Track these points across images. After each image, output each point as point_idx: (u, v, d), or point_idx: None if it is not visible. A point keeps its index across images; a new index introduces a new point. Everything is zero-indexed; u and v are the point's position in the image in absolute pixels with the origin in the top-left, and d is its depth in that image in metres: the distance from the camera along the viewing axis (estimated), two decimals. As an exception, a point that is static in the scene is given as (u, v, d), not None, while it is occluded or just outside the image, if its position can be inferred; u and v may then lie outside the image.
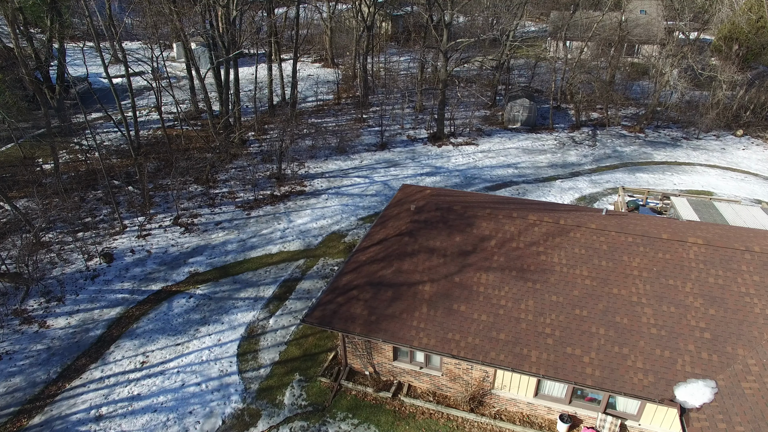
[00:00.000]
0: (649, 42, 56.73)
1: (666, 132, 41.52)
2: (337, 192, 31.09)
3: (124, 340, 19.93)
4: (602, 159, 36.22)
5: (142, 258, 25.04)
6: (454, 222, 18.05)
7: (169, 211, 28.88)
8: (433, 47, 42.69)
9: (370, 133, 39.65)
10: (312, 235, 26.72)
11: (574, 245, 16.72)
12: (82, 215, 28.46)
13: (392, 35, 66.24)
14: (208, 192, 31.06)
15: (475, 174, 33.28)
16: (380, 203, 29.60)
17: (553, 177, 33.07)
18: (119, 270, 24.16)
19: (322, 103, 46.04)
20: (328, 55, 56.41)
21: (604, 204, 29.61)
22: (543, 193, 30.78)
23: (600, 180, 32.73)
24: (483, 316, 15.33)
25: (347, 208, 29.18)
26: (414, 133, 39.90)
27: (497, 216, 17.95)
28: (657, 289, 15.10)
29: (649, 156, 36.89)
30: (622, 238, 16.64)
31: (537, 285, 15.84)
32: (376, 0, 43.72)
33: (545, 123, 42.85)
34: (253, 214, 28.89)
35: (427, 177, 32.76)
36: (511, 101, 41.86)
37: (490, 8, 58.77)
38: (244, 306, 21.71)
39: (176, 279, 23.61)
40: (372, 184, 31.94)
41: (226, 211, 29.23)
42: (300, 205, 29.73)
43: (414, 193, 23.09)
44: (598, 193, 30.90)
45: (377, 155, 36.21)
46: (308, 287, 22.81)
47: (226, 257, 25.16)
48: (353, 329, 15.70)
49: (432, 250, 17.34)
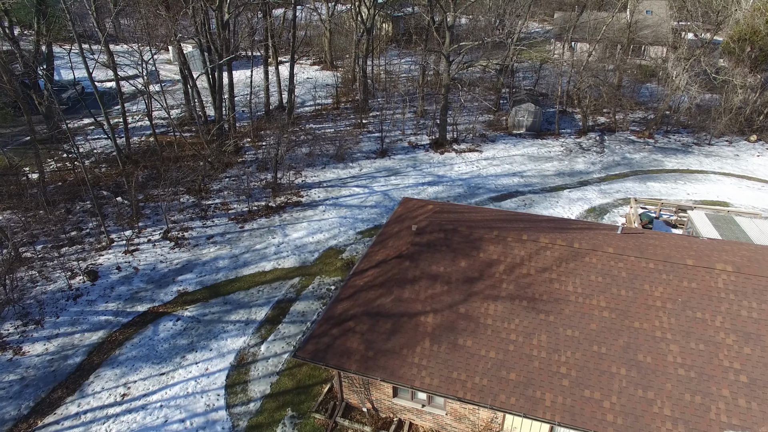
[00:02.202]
0: (657, 43, 55.30)
1: (676, 137, 40.07)
2: (335, 203, 29.72)
3: (104, 369, 18.58)
4: (611, 167, 34.78)
5: (129, 275, 23.70)
6: (458, 245, 16.67)
7: (159, 224, 27.56)
8: (435, 50, 41.28)
9: (370, 140, 38.27)
10: (308, 251, 25.35)
11: (589, 271, 15.32)
12: (67, 229, 27.14)
13: (393, 37, 64.84)
14: (201, 203, 29.72)
15: (479, 183, 31.87)
16: (380, 215, 28.23)
17: (561, 186, 31.65)
18: (104, 289, 22.82)
19: (321, 108, 44.66)
20: (327, 57, 55.04)
21: (615, 216, 28.19)
22: (550, 204, 29.38)
23: (610, 190, 31.30)
24: (491, 353, 13.96)
25: (345, 220, 27.82)
26: (415, 140, 38.51)
27: (505, 238, 16.56)
28: (683, 323, 13.70)
29: (660, 163, 35.45)
30: (643, 263, 15.24)
31: (550, 317, 14.46)
32: (376, 1, 42.31)
33: (551, 128, 41.45)
34: (246, 228, 27.54)
35: (429, 187, 31.38)
36: (516, 106, 40.44)
37: (492, 9, 57.33)
38: (234, 330, 20.36)
39: (164, 299, 22.27)
40: (371, 195, 30.56)
41: (218, 223, 27.89)
42: (296, 217, 28.37)
43: (415, 208, 21.72)
44: (608, 205, 29.48)
45: (377, 163, 34.84)
46: (303, 309, 21.45)
47: (217, 275, 23.82)
48: (349, 366, 14.34)
49: (435, 277, 15.96)
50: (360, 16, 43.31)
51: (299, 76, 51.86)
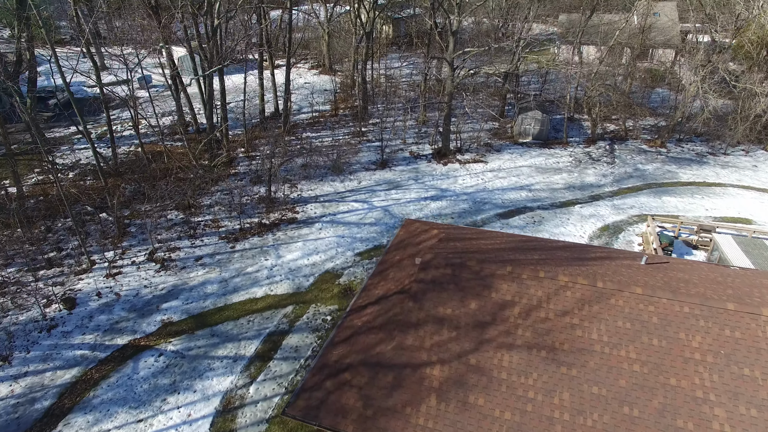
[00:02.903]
0: (666, 46, 53.50)
1: (690, 147, 38.29)
2: (332, 220, 27.99)
3: (76, 415, 16.86)
4: (623, 179, 33.03)
5: (110, 303, 21.98)
6: (467, 283, 14.93)
7: (145, 244, 25.84)
8: (438, 57, 39.52)
9: (370, 149, 36.52)
10: (303, 275, 23.62)
11: (616, 316, 13.59)
12: (46, 249, 25.42)
13: (393, 39, 63.07)
14: (190, 220, 27.99)
15: (484, 198, 30.12)
16: (380, 234, 26.49)
17: (572, 202, 29.90)
18: (81, 318, 21.10)
19: (318, 115, 42.91)
20: (325, 61, 53.24)
21: (630, 235, 26.44)
22: (561, 222, 27.63)
23: (623, 205, 29.55)
24: (506, 414, 12.23)
25: (343, 240, 26.08)
26: (417, 149, 36.75)
27: (520, 275, 14.82)
28: (728, 382, 11.98)
29: (675, 175, 33.69)
30: (676, 307, 13.50)
31: (573, 371, 12.73)
32: (377, 2, 40.52)
33: (558, 136, 39.70)
34: (238, 248, 25.81)
35: (431, 202, 29.63)
36: (522, 113, 38.69)
37: (496, 11, 55.47)
38: (221, 368, 18.63)
39: (146, 330, 20.55)
40: (371, 211, 28.82)
41: (208, 243, 26.16)
42: (290, 236, 26.64)
43: (419, 232, 20.00)
44: (622, 222, 27.74)
45: (377, 175, 33.08)
46: (296, 343, 19.72)
47: (204, 302, 22.09)
48: (345, 427, 12.61)
49: (441, 320, 14.23)
50: (359, 19, 41.54)
51: (296, 82, 50.12)
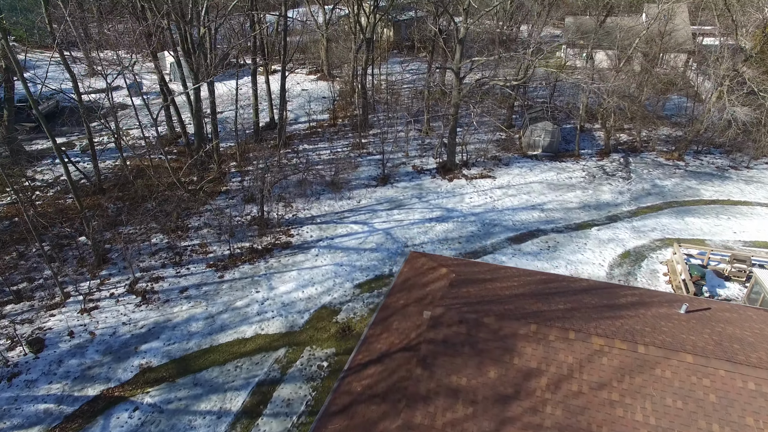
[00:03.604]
0: (681, 51, 51.31)
1: (709, 159, 36.15)
2: (329, 245, 25.85)
3: (35, 488, 14.76)
4: (641, 197, 30.88)
5: (83, 344, 19.85)
6: (485, 344, 12.80)
7: (126, 273, 23.71)
8: (444, 67, 37.39)
9: (370, 163, 34.38)
10: (297, 311, 21.49)
11: (664, 392, 11.46)
12: (16, 279, 23.30)
13: (394, 43, 60.89)
14: (176, 245, 25.84)
15: (494, 219, 27.98)
16: (381, 262, 24.36)
17: (588, 224, 27.76)
18: (49, 363, 18.97)
19: (316, 125, 40.74)
20: (324, 66, 51.04)
21: (654, 263, 24.31)
22: (578, 247, 25.50)
23: (643, 227, 27.40)
24: None
25: (341, 269, 23.94)
26: (420, 163, 34.60)
27: (546, 336, 12.69)
28: (807, 485, 9.87)
29: (696, 192, 31.54)
30: (738, 382, 11.37)
31: (616, 462, 10.61)
32: (378, 5, 38.33)
33: (569, 148, 37.56)
34: (227, 277, 23.68)
35: (437, 224, 27.49)
36: (532, 124, 36.52)
37: (500, 13, 53.26)
38: (203, 427, 16.50)
39: (122, 378, 18.43)
40: (371, 234, 26.69)
41: (194, 271, 24.03)
42: (284, 263, 24.50)
43: (425, 270, 17.89)
44: (644, 248, 25.60)
45: (378, 192, 30.94)
46: (289, 395, 17.59)
47: (188, 343, 19.97)
48: None
49: (455, 392, 12.10)
50: (359, 24, 39.35)
51: (293, 89, 47.95)
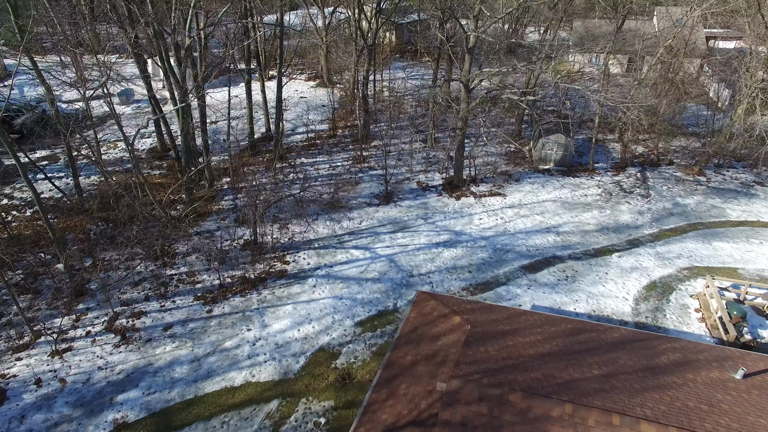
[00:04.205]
0: (692, 56, 49.23)
1: (731, 174, 34.06)
2: (328, 274, 23.80)
3: None
4: (663, 217, 28.79)
5: (51, 394, 17.81)
6: (511, 429, 10.75)
7: (106, 307, 21.66)
8: (452, 79, 35.33)
9: (372, 179, 32.32)
10: (292, 353, 19.43)
11: (733, 500, 9.42)
12: (-16, 315, 21.26)
13: (396, 46, 58.80)
14: (161, 273, 23.80)
15: (506, 244, 25.91)
16: (384, 295, 22.31)
17: (608, 249, 25.69)
18: (9, 420, 16.90)
19: (315, 135, 38.65)
20: (323, 72, 48.93)
21: (683, 297, 22.23)
22: (599, 277, 23.44)
23: (668, 254, 25.33)
24: None
25: (341, 303, 21.89)
26: (425, 179, 32.53)
27: (585, 421, 10.65)
28: None
29: (721, 212, 29.46)
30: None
31: None
32: (381, 8, 36.21)
33: (582, 161, 35.49)
34: (216, 312, 21.63)
35: (445, 249, 25.42)
36: (543, 137, 34.43)
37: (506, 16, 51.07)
38: (182, 501, 14.49)
39: (93, 436, 16.40)
40: (374, 261, 24.63)
41: (180, 305, 21.99)
42: (279, 296, 22.45)
43: (435, 318, 15.87)
44: (671, 278, 23.53)
45: (380, 212, 28.87)
46: (280, 461, 15.57)
47: (170, 392, 17.92)
48: None
49: (478, 494, 10.07)
50: (360, 30, 37.25)
51: (291, 97, 45.87)
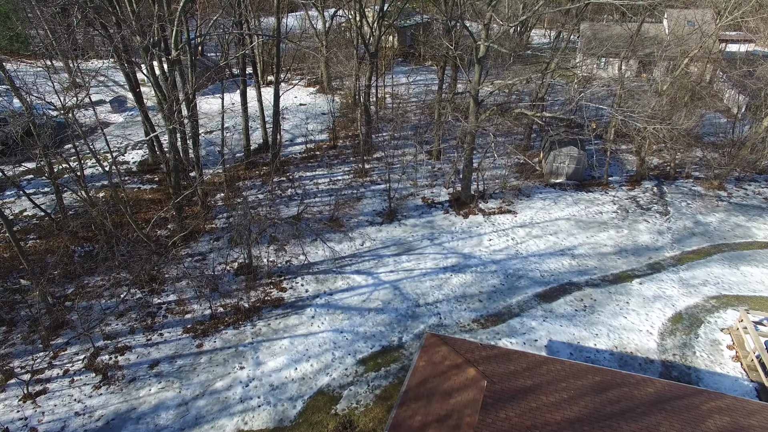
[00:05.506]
0: (704, 59, 47.40)
1: (754, 188, 32.27)
2: (327, 302, 22.11)
3: None
4: (684, 238, 27.06)
5: (22, 446, 16.19)
6: None
7: (87, 341, 19.99)
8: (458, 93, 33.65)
9: (375, 194, 30.63)
10: (288, 397, 17.76)
11: None
12: (-45, 352, 19.62)
13: (399, 50, 57.06)
14: (148, 302, 22.15)
15: (518, 269, 24.20)
16: (388, 327, 20.62)
17: (627, 274, 23.96)
18: (-21, 477, 15.31)
19: (314, 146, 36.96)
20: (323, 78, 47.22)
21: (713, 330, 20.51)
22: (620, 308, 21.71)
23: (693, 280, 23.60)
24: None
25: (341, 337, 20.20)
26: (431, 194, 30.82)
27: None
28: None
29: (746, 231, 27.70)
30: None
31: None
32: (383, 14, 34.52)
33: (595, 175, 33.74)
34: (206, 346, 19.98)
35: (453, 275, 23.72)
36: (555, 149, 32.69)
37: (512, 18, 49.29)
38: None
39: (66, 496, 14.76)
40: (377, 288, 22.94)
41: (168, 338, 20.33)
42: (275, 328, 20.77)
43: (447, 369, 14.22)
44: (698, 308, 21.80)
45: (384, 232, 27.18)
46: None
47: (153, 443, 16.29)
48: None
49: None
50: (361, 36, 35.54)
51: (289, 104, 44.16)
